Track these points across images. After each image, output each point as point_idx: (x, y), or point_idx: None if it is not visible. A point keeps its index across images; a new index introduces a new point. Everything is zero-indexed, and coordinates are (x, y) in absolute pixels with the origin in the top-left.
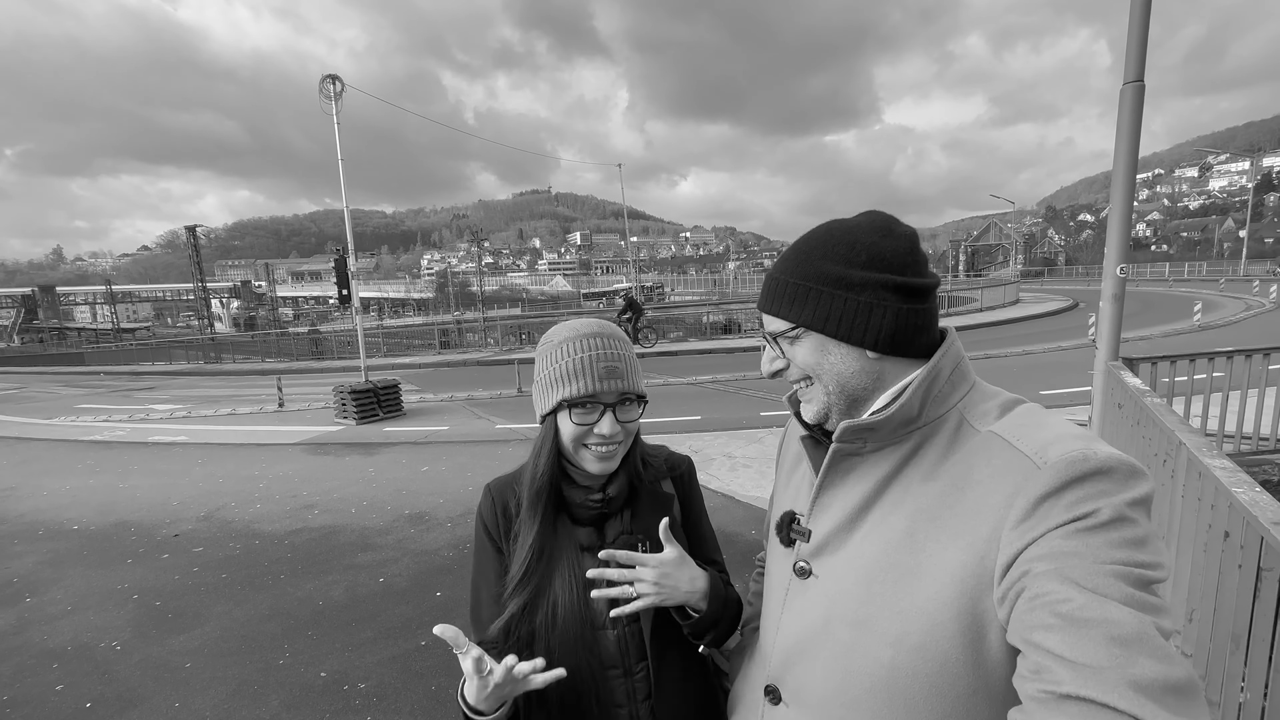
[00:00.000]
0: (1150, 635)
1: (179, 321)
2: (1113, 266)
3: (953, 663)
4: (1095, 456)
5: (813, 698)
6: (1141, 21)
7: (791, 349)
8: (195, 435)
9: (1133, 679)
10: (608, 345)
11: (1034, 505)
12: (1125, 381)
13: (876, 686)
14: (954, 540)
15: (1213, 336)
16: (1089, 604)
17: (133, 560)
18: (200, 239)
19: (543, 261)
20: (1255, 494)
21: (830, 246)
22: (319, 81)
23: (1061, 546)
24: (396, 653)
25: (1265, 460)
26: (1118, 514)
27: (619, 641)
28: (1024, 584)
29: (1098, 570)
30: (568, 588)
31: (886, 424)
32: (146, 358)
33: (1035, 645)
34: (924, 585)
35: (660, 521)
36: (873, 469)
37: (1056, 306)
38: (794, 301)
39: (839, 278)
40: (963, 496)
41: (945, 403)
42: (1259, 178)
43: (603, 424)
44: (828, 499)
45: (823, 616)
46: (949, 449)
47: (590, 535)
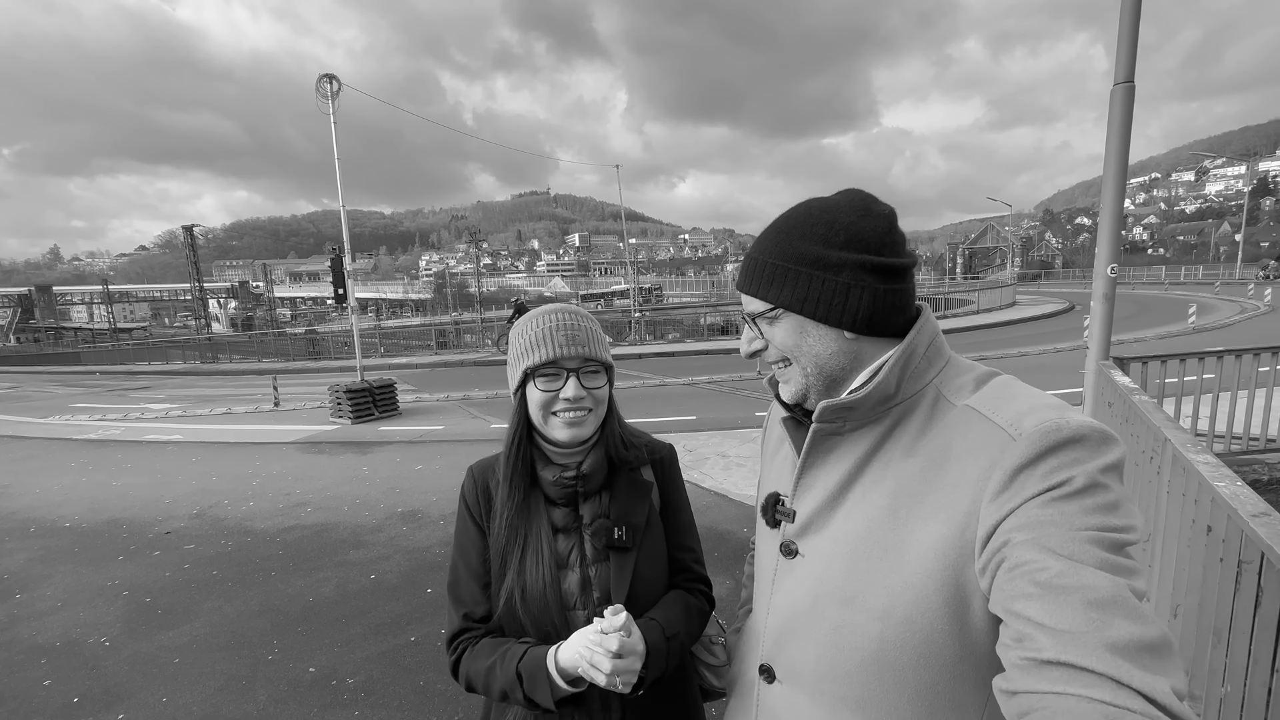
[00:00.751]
0: (1125, 597)
1: (176, 322)
2: (1103, 266)
3: (938, 634)
4: (1068, 425)
5: (806, 675)
6: (1132, 23)
7: (770, 330)
8: (190, 434)
9: (1109, 641)
10: (568, 317)
11: (1010, 476)
12: (1115, 380)
13: (866, 660)
14: (935, 514)
15: (1207, 338)
16: (1066, 570)
17: (124, 557)
18: (198, 239)
19: (541, 263)
20: (1237, 488)
21: (809, 226)
22: (316, 81)
23: (1038, 515)
24: (386, 648)
25: (1255, 460)
26: (1091, 480)
27: (588, 621)
28: (1004, 554)
29: (1073, 537)
30: (540, 567)
31: (864, 402)
32: (143, 357)
33: (1016, 614)
34: (908, 560)
35: (638, 508)
36: (853, 447)
37: (1053, 309)
38: (772, 282)
39: (817, 258)
40: (942, 471)
41: (921, 378)
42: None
43: (567, 388)
44: (810, 479)
45: (811, 594)
46: (927, 424)
47: (565, 516)
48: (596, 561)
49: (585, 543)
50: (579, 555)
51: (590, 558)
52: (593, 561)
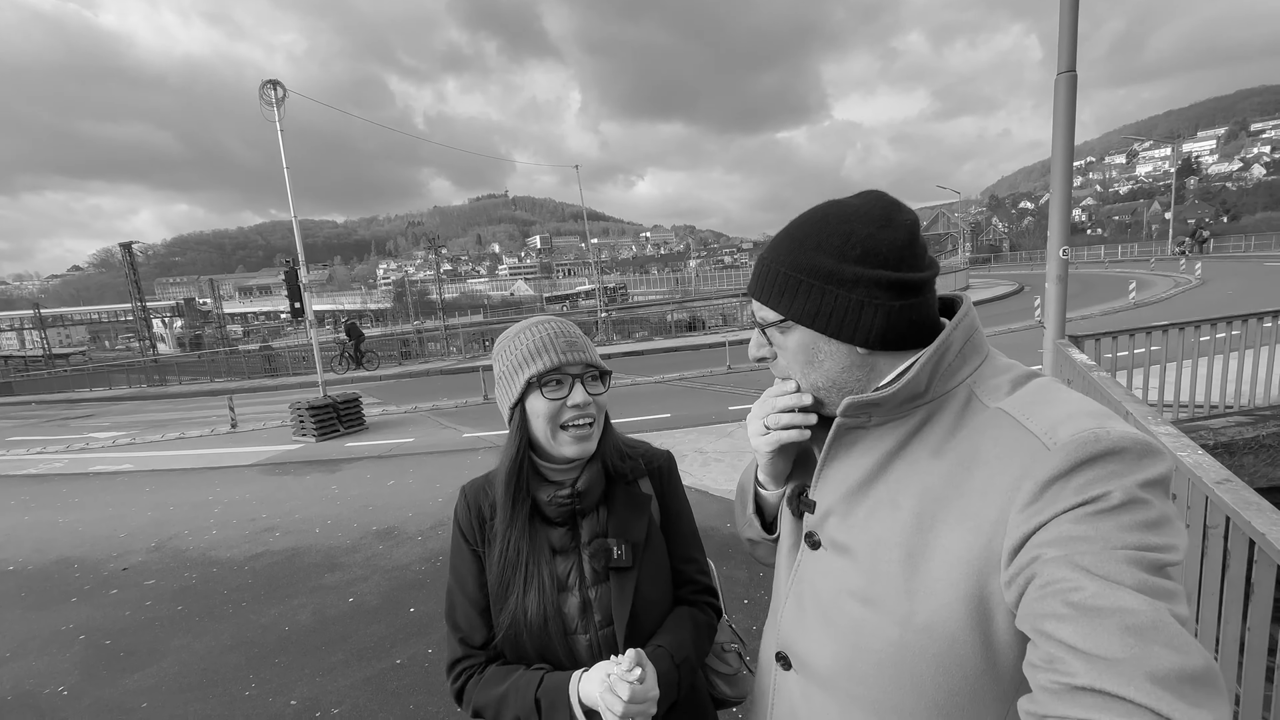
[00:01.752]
0: (1166, 623)
1: (118, 344)
2: (1055, 249)
3: (960, 643)
4: (1107, 436)
5: (821, 669)
6: (1071, 15)
7: (781, 339)
8: (141, 462)
9: (1149, 670)
10: (562, 325)
11: (1042, 488)
12: (1073, 357)
13: (884, 663)
14: (961, 522)
15: (1148, 312)
16: (1101, 592)
17: (78, 598)
18: (137, 256)
19: (503, 266)
20: (1198, 456)
21: (824, 236)
22: (259, 87)
23: (1071, 531)
24: (370, 674)
25: (1201, 426)
26: (1129, 496)
27: (590, 645)
28: (1033, 570)
29: (1109, 556)
30: (541, 594)
31: (891, 400)
32: (83, 384)
33: (1047, 635)
34: (932, 567)
35: (637, 524)
36: (878, 442)
37: (1004, 290)
38: (784, 292)
39: (830, 273)
40: (970, 476)
41: (954, 377)
42: (1180, 163)
43: (575, 394)
44: (831, 471)
45: (831, 588)
46: (957, 425)
47: (563, 537)
48: (596, 583)
49: (584, 563)
50: (578, 577)
51: (589, 579)
52: (592, 583)
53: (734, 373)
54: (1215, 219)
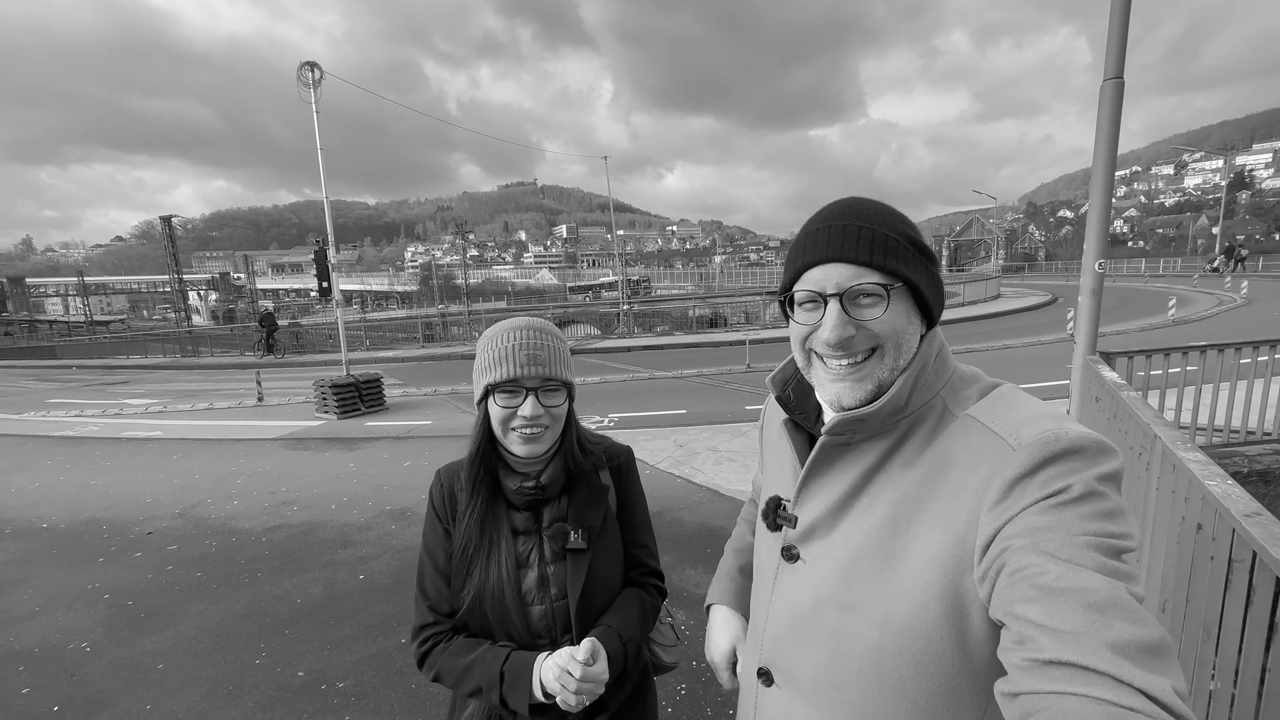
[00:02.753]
0: (1124, 600)
1: (155, 314)
2: (1091, 262)
3: (937, 642)
4: (1066, 436)
5: (804, 680)
6: (1122, 19)
7: (874, 309)
8: (170, 431)
9: (1110, 641)
10: (532, 336)
11: (1009, 486)
12: (1102, 375)
13: (865, 667)
14: (935, 523)
15: (1187, 331)
16: (1065, 574)
17: (104, 559)
18: (176, 230)
19: (528, 254)
20: (1227, 486)
21: (903, 219)
22: (297, 69)
23: (1037, 522)
24: (376, 650)
25: (1236, 452)
26: (1088, 489)
27: (545, 616)
28: (1003, 560)
29: (1072, 542)
30: (500, 567)
31: (877, 415)
32: (121, 351)
33: (1017, 616)
34: (908, 568)
35: (594, 511)
36: (860, 458)
37: (1036, 301)
38: (898, 256)
39: (922, 246)
40: (942, 480)
41: (929, 390)
42: (1232, 176)
43: (525, 406)
44: (814, 486)
45: (810, 600)
46: (932, 435)
47: (526, 519)
48: (555, 561)
49: (544, 543)
50: (538, 555)
51: (549, 557)
52: (551, 561)
53: (753, 371)
54: (1267, 236)
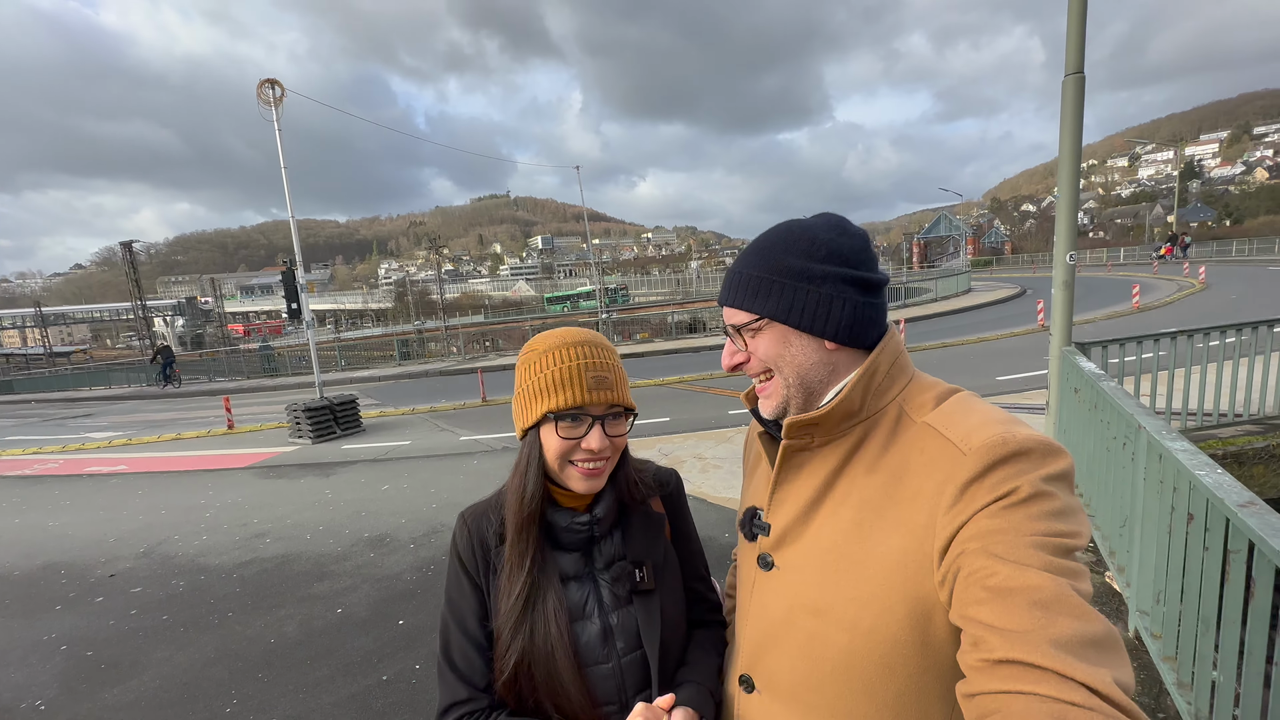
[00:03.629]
0: (1067, 596)
1: (119, 343)
2: (1062, 254)
3: (902, 644)
4: (1014, 439)
5: (782, 684)
6: (1079, 16)
7: (754, 341)
8: (136, 464)
9: (1053, 638)
10: (596, 354)
11: (961, 490)
12: (1080, 366)
13: (836, 670)
14: (896, 529)
15: (1153, 317)
16: (1012, 574)
17: (62, 606)
18: (139, 255)
19: (504, 267)
20: (1219, 476)
21: (791, 242)
22: (257, 87)
23: (988, 525)
24: (356, 690)
25: (1210, 435)
26: (1035, 489)
27: (613, 675)
28: (959, 564)
29: (1019, 542)
30: (553, 622)
31: (829, 419)
32: (83, 383)
33: (970, 619)
34: (872, 573)
35: (655, 546)
36: (823, 463)
37: (1007, 294)
38: (756, 294)
39: (801, 270)
40: (901, 486)
41: (885, 396)
42: (1182, 166)
43: (591, 438)
44: (783, 494)
45: (785, 606)
46: (890, 440)
47: (576, 562)
48: (617, 608)
49: (601, 589)
50: (595, 603)
51: (609, 604)
52: (612, 609)
53: (735, 375)
54: (1218, 222)
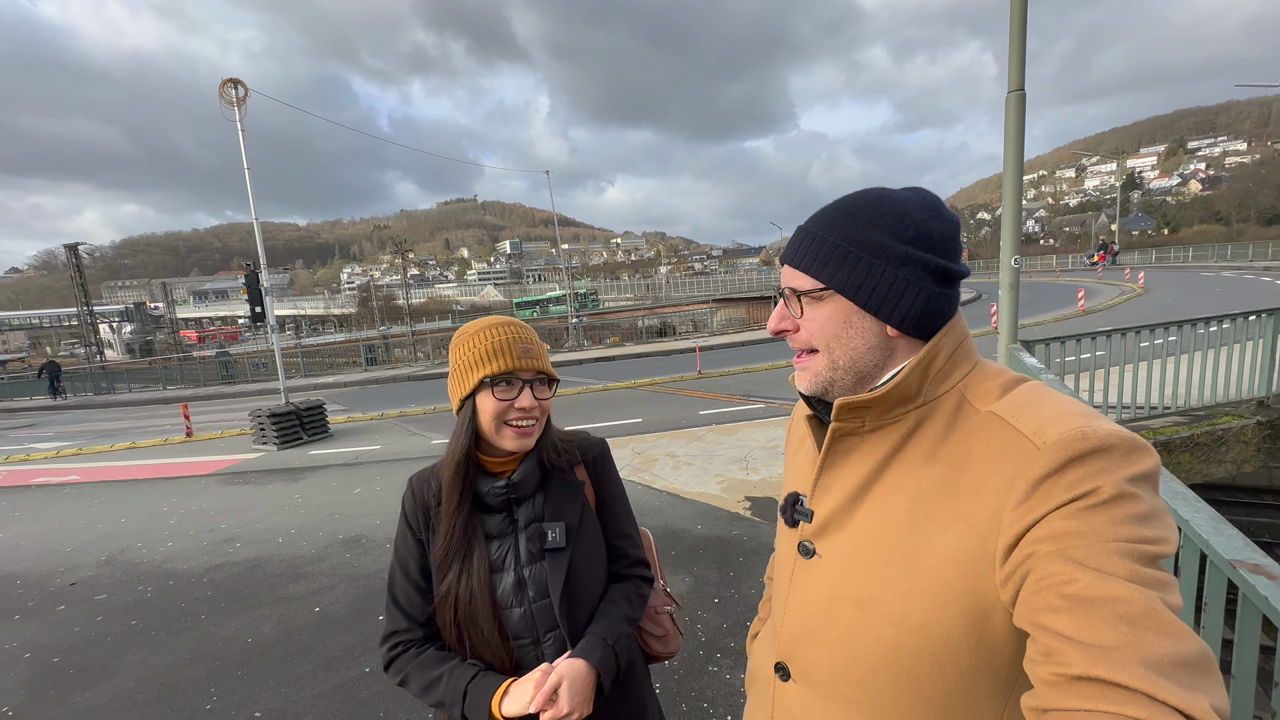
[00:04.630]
0: (1158, 610)
1: (61, 350)
2: (1008, 258)
3: (954, 642)
4: (1095, 434)
5: (820, 676)
6: (1020, 36)
7: (811, 310)
8: (89, 474)
9: (1143, 657)
10: (520, 331)
11: (1034, 486)
12: (1024, 362)
13: (880, 665)
14: (955, 522)
15: (1096, 319)
16: (1094, 583)
17: (21, 616)
18: (83, 258)
19: (472, 271)
20: None
21: (878, 214)
22: (219, 86)
23: (1064, 527)
24: (339, 683)
25: (1143, 426)
26: (1119, 491)
27: (524, 618)
28: (1029, 566)
29: (1101, 548)
30: (474, 573)
31: (882, 402)
32: (21, 392)
33: (1043, 628)
34: (926, 567)
35: (571, 508)
36: (873, 449)
37: (963, 298)
38: (829, 261)
39: (883, 247)
40: (963, 478)
41: (945, 382)
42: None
43: (523, 398)
44: (829, 479)
45: (827, 596)
46: (949, 429)
47: (500, 523)
48: (531, 562)
49: (520, 545)
50: (514, 558)
51: (524, 559)
52: (527, 563)
53: (705, 377)
54: (1157, 231)
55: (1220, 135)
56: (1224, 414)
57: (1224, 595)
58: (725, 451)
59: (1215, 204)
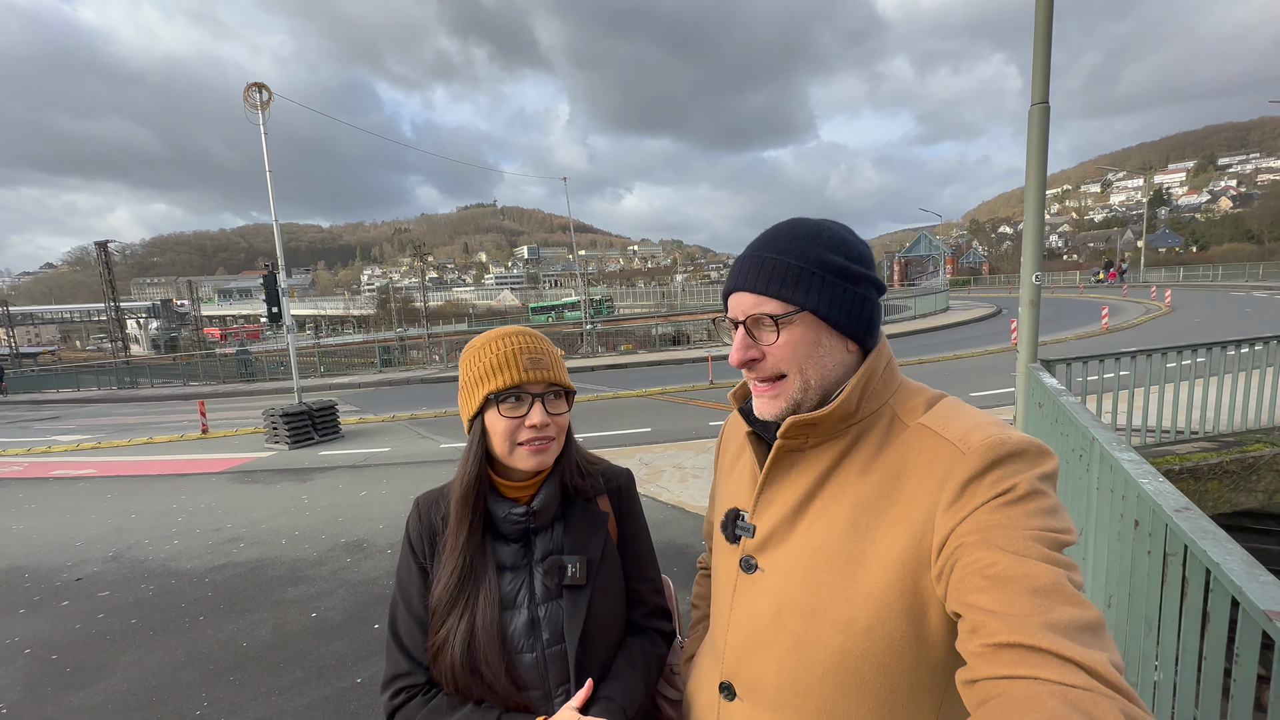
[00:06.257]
0: (1063, 585)
1: (89, 344)
2: (1029, 275)
3: (898, 641)
4: (1010, 440)
5: (768, 690)
6: (1044, 50)
7: (777, 335)
8: (105, 468)
9: (1051, 622)
10: (529, 340)
11: (962, 487)
12: (1044, 382)
13: (828, 672)
14: (894, 526)
15: (1119, 338)
16: (1012, 564)
17: (26, 610)
18: (113, 255)
19: (489, 276)
20: (1159, 484)
21: (827, 239)
22: (244, 90)
23: (987, 520)
24: (329, 693)
25: (1168, 451)
26: (1032, 487)
27: (536, 664)
28: (957, 555)
29: (1018, 535)
30: (483, 610)
31: (828, 419)
32: (50, 385)
33: (970, 605)
34: (869, 571)
35: (594, 541)
36: (814, 463)
37: (983, 313)
38: (798, 284)
39: (841, 268)
40: (898, 485)
41: (879, 399)
42: (1151, 194)
43: (533, 414)
44: (771, 494)
45: (772, 608)
46: (883, 442)
47: (515, 553)
48: (547, 600)
49: (535, 580)
50: (527, 594)
51: (539, 596)
52: (542, 600)
53: (716, 387)
54: (1185, 248)
55: (1252, 152)
56: (1255, 441)
57: (1258, 646)
58: None
59: (1247, 222)
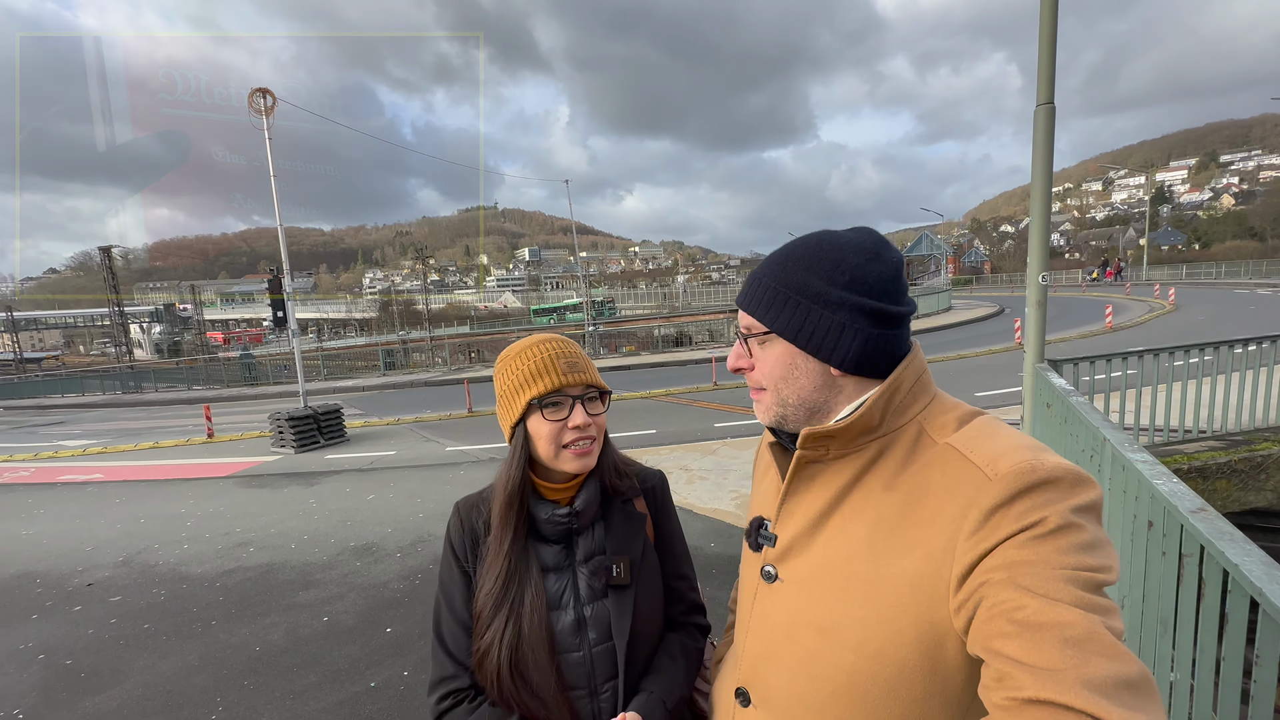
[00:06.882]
0: (1100, 634)
1: (93, 349)
2: (1035, 275)
3: (909, 668)
4: (1042, 467)
5: (779, 701)
6: (1049, 49)
7: (760, 350)
8: (112, 472)
9: (1087, 678)
10: (563, 346)
11: (986, 516)
12: (1052, 382)
13: (839, 690)
14: (911, 550)
15: (1124, 337)
16: (1042, 609)
17: (38, 615)
18: (116, 260)
19: (491, 278)
20: (1174, 485)
21: (816, 260)
22: (248, 95)
23: (1014, 556)
24: (343, 697)
25: (1176, 450)
26: (1065, 521)
27: (583, 663)
28: (981, 594)
29: (1049, 575)
30: (531, 611)
31: (846, 433)
32: (55, 390)
33: (995, 653)
34: (883, 593)
35: (635, 542)
36: (835, 476)
37: (985, 312)
38: (770, 305)
39: (817, 293)
40: (920, 507)
41: (905, 414)
42: (1153, 191)
43: (575, 415)
44: (792, 505)
45: (788, 621)
46: (908, 459)
47: (558, 554)
48: (592, 600)
49: (579, 581)
50: (572, 595)
51: (584, 596)
52: (587, 600)
53: (720, 389)
54: (1188, 246)
55: (1254, 148)
56: (1263, 439)
57: (1279, 649)
58: (740, 466)
59: (1249, 219)
